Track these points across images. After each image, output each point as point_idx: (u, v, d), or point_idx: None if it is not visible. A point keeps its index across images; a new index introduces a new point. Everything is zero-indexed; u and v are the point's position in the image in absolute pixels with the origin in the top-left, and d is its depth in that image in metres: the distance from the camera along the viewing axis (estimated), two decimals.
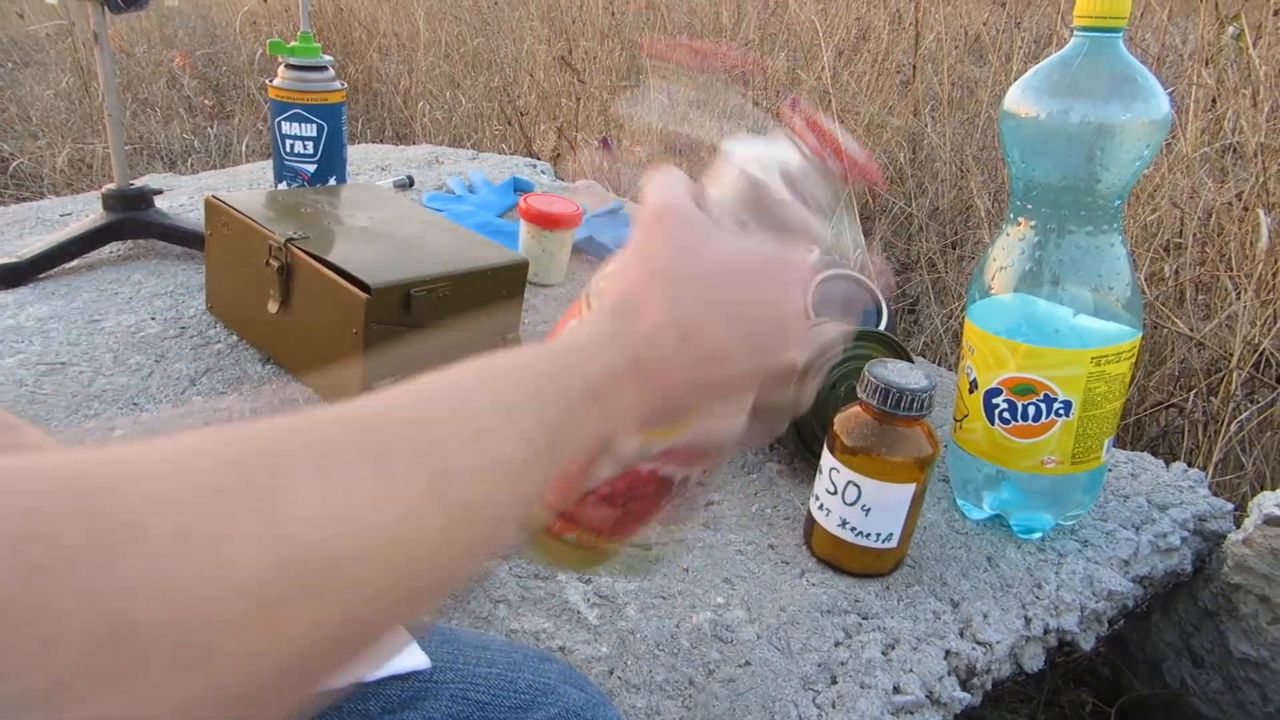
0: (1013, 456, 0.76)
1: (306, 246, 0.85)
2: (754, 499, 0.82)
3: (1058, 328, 0.73)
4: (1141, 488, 0.87)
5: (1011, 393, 0.75)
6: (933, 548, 0.78)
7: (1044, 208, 0.74)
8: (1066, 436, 0.75)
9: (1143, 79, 0.70)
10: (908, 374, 0.70)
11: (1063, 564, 0.77)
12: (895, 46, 2.39)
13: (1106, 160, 0.70)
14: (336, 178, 1.20)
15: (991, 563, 0.76)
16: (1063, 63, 0.72)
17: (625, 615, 0.67)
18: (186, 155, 3.06)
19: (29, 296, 1.04)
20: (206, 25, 4.41)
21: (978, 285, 0.78)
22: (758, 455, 0.88)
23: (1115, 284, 0.73)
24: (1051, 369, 0.73)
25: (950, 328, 1.58)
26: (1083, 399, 0.74)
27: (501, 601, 0.67)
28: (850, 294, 0.99)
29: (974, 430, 0.78)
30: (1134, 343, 0.75)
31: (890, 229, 1.95)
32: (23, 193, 2.66)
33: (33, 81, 3.64)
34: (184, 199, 1.42)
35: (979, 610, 0.71)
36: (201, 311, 1.03)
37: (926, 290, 1.73)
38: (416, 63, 3.42)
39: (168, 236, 1.15)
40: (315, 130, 1.15)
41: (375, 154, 1.79)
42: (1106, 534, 0.81)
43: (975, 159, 1.97)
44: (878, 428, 0.70)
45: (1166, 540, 0.81)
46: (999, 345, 0.75)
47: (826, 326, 0.85)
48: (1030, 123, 0.72)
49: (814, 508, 0.75)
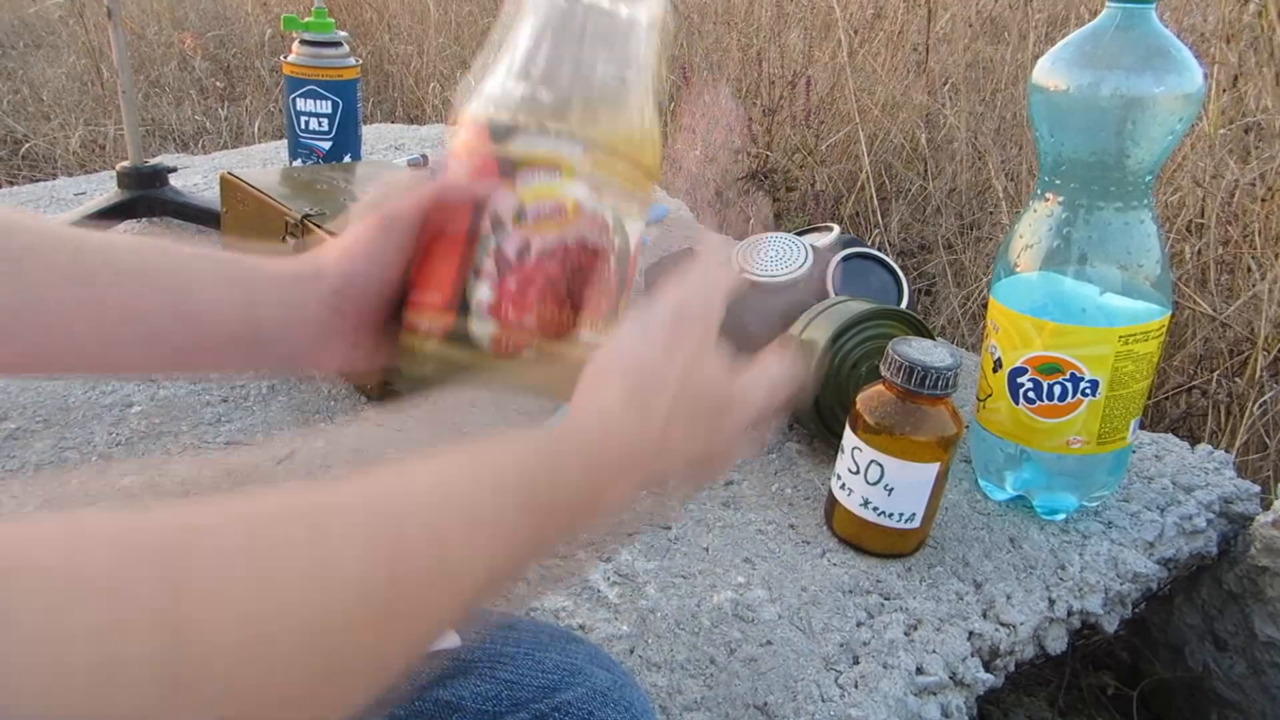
0: (1037, 437, 0.75)
1: (323, 223, 0.85)
2: (774, 478, 0.82)
3: (1084, 306, 0.72)
4: (1166, 469, 0.86)
5: (1037, 372, 0.74)
6: (955, 528, 0.77)
7: (1073, 183, 0.72)
8: (1093, 417, 0.74)
9: (1176, 51, 0.68)
10: (932, 351, 0.69)
11: (1086, 545, 0.76)
12: (910, 25, 2.37)
13: (1138, 134, 0.69)
14: (351, 155, 1.19)
15: (1014, 544, 0.76)
16: (1094, 34, 0.70)
17: (645, 594, 0.67)
18: (199, 136, 3.06)
19: None
20: (217, 7, 4.40)
21: (1003, 263, 0.77)
22: (777, 435, 0.88)
23: (1145, 261, 0.72)
24: (1078, 348, 0.72)
25: (969, 309, 1.57)
26: (1110, 379, 0.72)
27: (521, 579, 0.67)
28: (869, 272, 0.98)
29: (998, 410, 0.77)
30: (1163, 321, 0.73)
31: (908, 210, 1.94)
32: (36, 174, 2.66)
33: (44, 63, 3.64)
34: (198, 178, 1.41)
35: (1002, 591, 0.70)
36: None
37: (944, 271, 1.71)
38: (427, 43, 3.40)
39: (182, 214, 1.15)
40: (330, 107, 1.14)
41: (389, 134, 1.79)
42: (1131, 516, 0.80)
43: (993, 139, 1.94)
44: (901, 406, 0.69)
45: (1192, 522, 0.80)
46: (1025, 324, 0.74)
47: (848, 303, 0.85)
48: (1060, 96, 0.70)
49: (835, 487, 0.74)
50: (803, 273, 0.92)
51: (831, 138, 2.09)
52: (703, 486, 0.41)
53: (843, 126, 2.08)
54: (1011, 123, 2.02)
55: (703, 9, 3.11)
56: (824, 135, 2.09)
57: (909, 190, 1.97)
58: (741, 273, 0.92)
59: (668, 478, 0.40)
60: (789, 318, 0.86)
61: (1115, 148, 0.69)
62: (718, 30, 2.80)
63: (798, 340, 0.83)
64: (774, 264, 0.92)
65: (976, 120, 2.04)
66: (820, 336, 0.81)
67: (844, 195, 1.98)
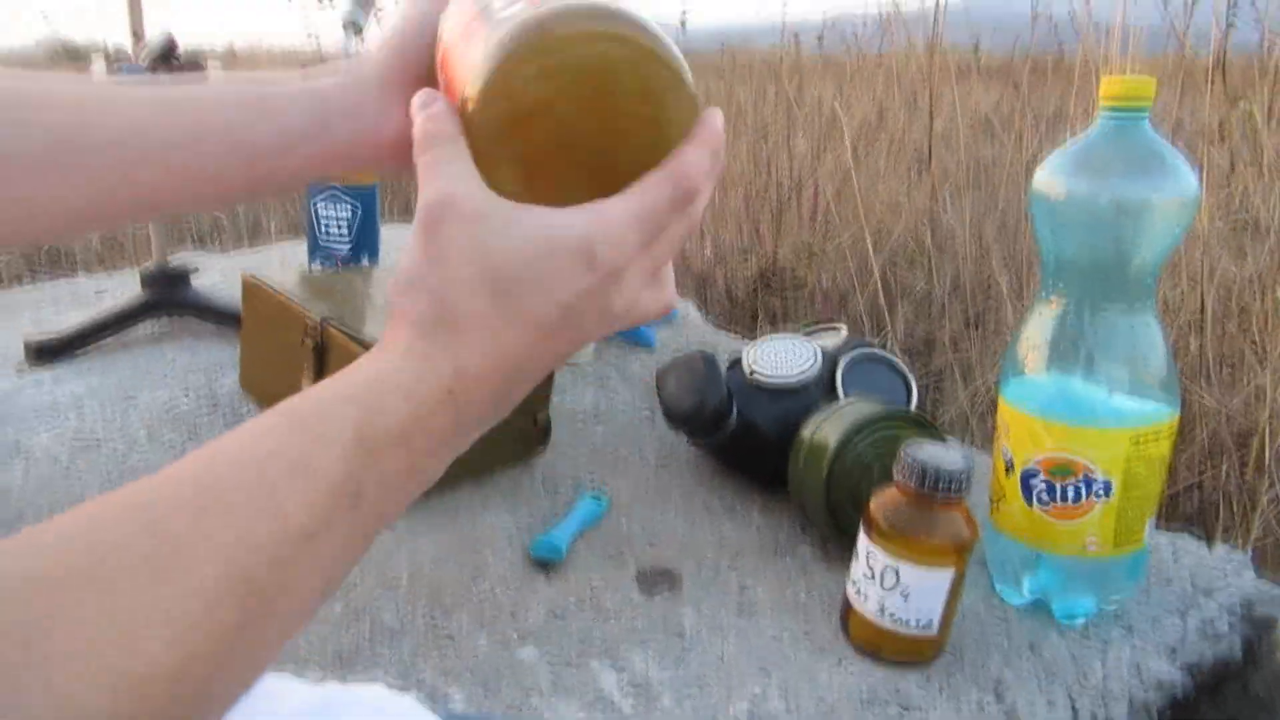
0: (1053, 539, 0.75)
1: (341, 326, 0.86)
2: (788, 584, 0.81)
3: (1094, 407, 0.73)
4: (1184, 570, 0.85)
5: (1049, 473, 0.74)
6: (973, 633, 0.76)
7: (1076, 285, 0.74)
8: (1107, 518, 0.73)
9: (1171, 158, 0.71)
10: (944, 454, 0.69)
11: (1108, 651, 0.75)
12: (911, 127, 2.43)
13: (1138, 239, 0.70)
14: (370, 258, 1.22)
15: (1035, 649, 0.75)
16: (1090, 143, 0.72)
17: (660, 705, 0.66)
18: (215, 232, 3.12)
19: (65, 373, 1.06)
20: None
21: (1010, 364, 0.78)
22: (790, 538, 0.87)
23: (1152, 362, 0.73)
24: (1090, 449, 0.72)
25: (976, 406, 1.57)
26: (1123, 480, 0.73)
27: (534, 690, 0.66)
28: (878, 373, 0.99)
29: (1012, 512, 0.77)
30: (1173, 422, 0.74)
31: (913, 308, 1.96)
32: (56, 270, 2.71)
33: None
34: (216, 276, 1.44)
35: (1024, 700, 0.69)
36: (234, 388, 1.04)
37: (951, 369, 1.72)
38: None
39: (203, 314, 1.17)
40: (350, 212, 1.17)
41: (403, 234, 1.82)
42: (1151, 619, 0.79)
43: (994, 237, 1.98)
44: (915, 510, 0.69)
45: (1214, 626, 0.79)
46: (1035, 425, 0.74)
47: (858, 405, 0.85)
48: (1059, 203, 0.72)
49: (851, 592, 0.73)
50: (812, 374, 0.93)
51: (838, 238, 2.13)
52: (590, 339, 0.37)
53: (848, 227, 2.12)
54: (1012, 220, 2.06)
55: None
56: (830, 235, 2.13)
57: (914, 288, 1.99)
58: (752, 374, 0.93)
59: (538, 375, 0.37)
60: (799, 419, 0.86)
61: (1116, 252, 0.71)
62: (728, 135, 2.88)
63: (808, 442, 0.84)
64: (783, 365, 0.93)
65: (978, 217, 2.08)
66: (831, 438, 0.81)
67: (850, 293, 2.00)
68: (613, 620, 0.74)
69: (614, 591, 0.78)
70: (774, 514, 0.91)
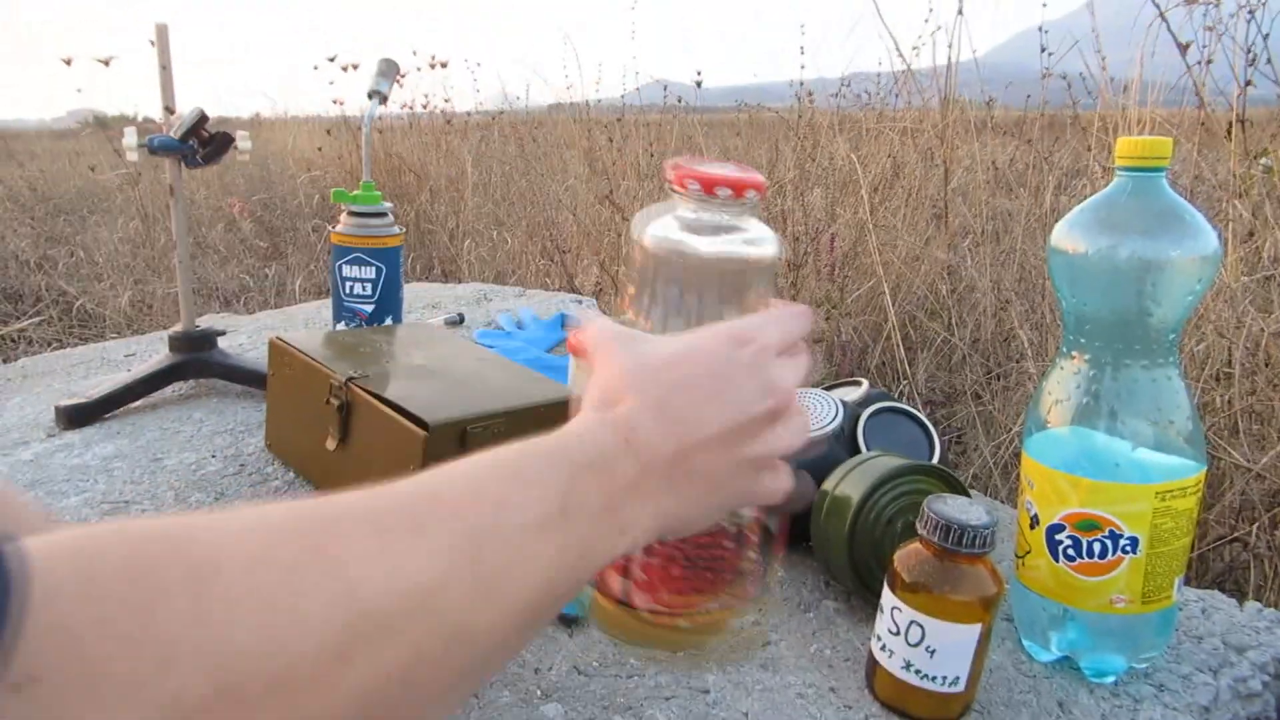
0: (1080, 595, 0.74)
1: (366, 385, 0.88)
2: (812, 639, 0.80)
3: (1118, 462, 0.73)
4: (1215, 628, 0.84)
5: (1075, 529, 0.74)
6: (1000, 691, 0.75)
7: (1097, 341, 0.74)
8: (1135, 574, 0.73)
9: (1190, 216, 0.71)
10: (968, 509, 0.69)
11: (1139, 710, 0.73)
12: (928, 182, 2.46)
13: (1158, 295, 0.71)
14: (393, 317, 1.24)
15: (1064, 709, 0.73)
16: (1108, 200, 0.73)
17: None
18: (242, 295, 3.18)
19: (94, 436, 1.07)
20: (264, 173, 4.65)
21: (1033, 419, 0.78)
22: (814, 593, 0.87)
23: (1176, 417, 0.73)
24: (1115, 504, 0.72)
25: (999, 459, 1.56)
26: (1150, 536, 0.72)
27: None
28: (900, 426, 0.99)
29: (1038, 568, 0.76)
30: (1199, 477, 0.73)
31: (934, 360, 1.96)
32: (85, 331, 2.76)
33: (99, 227, 3.83)
34: (243, 338, 1.46)
35: None
36: (260, 449, 1.05)
37: (973, 421, 1.71)
38: (464, 203, 3.56)
39: (229, 376, 1.19)
40: (374, 273, 1.20)
41: (426, 293, 1.85)
42: (1183, 678, 0.77)
43: (1014, 290, 1.98)
44: (939, 565, 0.69)
45: (1247, 685, 0.77)
46: (1059, 480, 0.74)
47: (881, 459, 0.85)
48: (1079, 258, 0.73)
49: (876, 648, 0.73)
50: (834, 428, 0.93)
51: (856, 290, 2.14)
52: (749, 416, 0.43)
53: (866, 280, 2.13)
54: (1032, 274, 2.06)
55: None
56: (848, 289, 2.14)
57: (934, 341, 1.99)
58: None
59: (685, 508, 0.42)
60: (822, 473, 0.86)
61: (1137, 308, 0.71)
62: None
63: (831, 496, 0.83)
64: None
65: (998, 271, 2.08)
66: (854, 492, 0.81)
67: (870, 346, 2.01)
68: (636, 677, 0.74)
69: (637, 649, 0.77)
70: (797, 569, 0.90)
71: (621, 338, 0.45)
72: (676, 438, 0.41)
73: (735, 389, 0.43)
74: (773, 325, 0.45)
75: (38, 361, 1.41)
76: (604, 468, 0.39)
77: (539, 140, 4.13)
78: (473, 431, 0.85)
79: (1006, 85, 3.04)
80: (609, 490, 0.38)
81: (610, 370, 0.44)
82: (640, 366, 0.43)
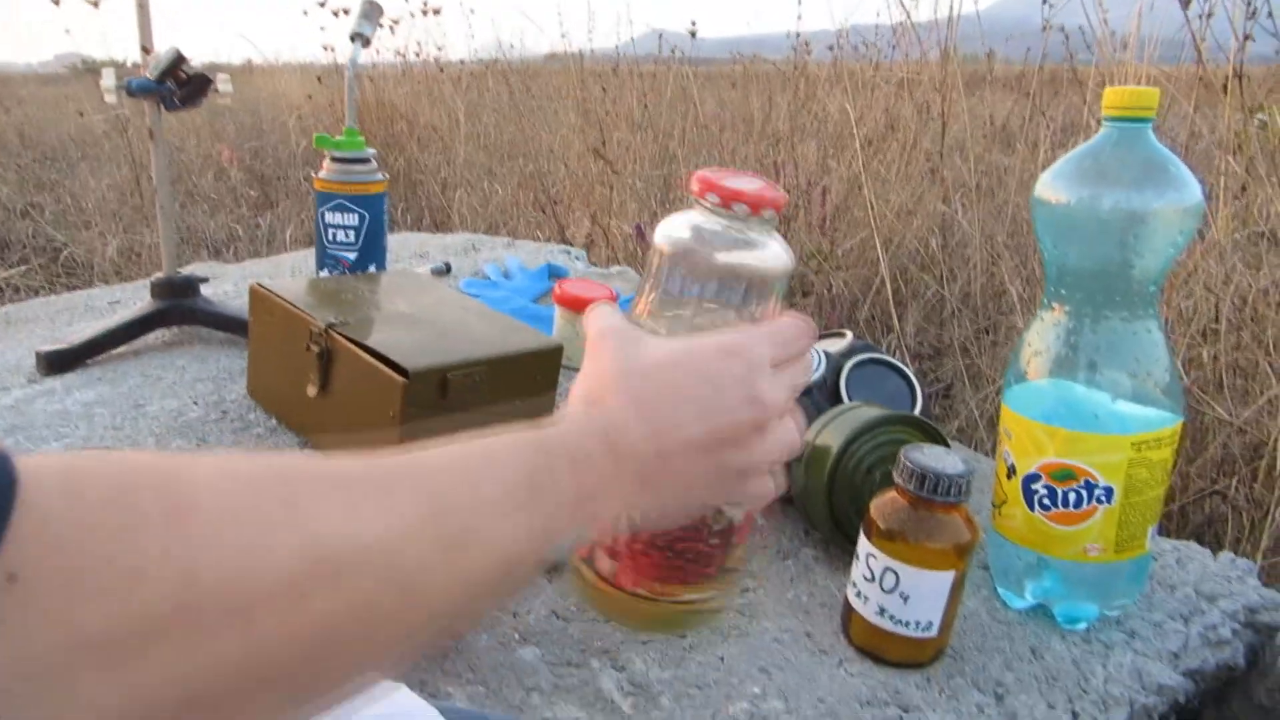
0: (1054, 544, 0.75)
1: (346, 332, 0.87)
2: (790, 585, 0.81)
3: (1096, 413, 0.73)
4: (1189, 578, 0.85)
5: (1051, 479, 0.74)
6: (974, 637, 0.76)
7: (1078, 293, 0.74)
8: (1109, 524, 0.73)
9: (1174, 167, 0.71)
10: (944, 459, 0.69)
11: (1110, 656, 0.75)
12: (923, 135, 2.43)
13: (1140, 247, 0.70)
14: (376, 265, 1.23)
15: (1036, 654, 0.74)
16: (1092, 151, 0.73)
17: (660, 705, 0.66)
18: (231, 244, 3.15)
19: (76, 382, 1.07)
20: (254, 120, 4.59)
21: (1014, 370, 0.78)
22: (793, 541, 0.87)
23: (1154, 369, 0.73)
24: (1091, 455, 0.72)
25: (985, 412, 1.57)
26: (1124, 485, 0.72)
27: (534, 689, 0.66)
28: (882, 378, 0.99)
29: (1013, 517, 0.77)
30: (1175, 428, 0.74)
31: (923, 314, 1.96)
32: (73, 281, 2.75)
33: (87, 174, 3.79)
34: (228, 286, 1.46)
35: (1024, 704, 0.69)
36: (242, 396, 1.05)
37: (960, 375, 1.72)
38: (455, 153, 3.52)
39: (211, 323, 1.18)
40: (357, 220, 1.18)
41: (414, 241, 1.84)
42: (1154, 625, 0.79)
43: (1006, 245, 1.98)
44: (914, 513, 0.69)
45: (1217, 633, 0.78)
46: (1037, 430, 0.74)
47: (861, 409, 0.86)
48: (1061, 209, 0.72)
49: (851, 595, 0.73)
50: (816, 379, 0.93)
51: (847, 243, 2.13)
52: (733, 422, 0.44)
53: (858, 233, 2.12)
54: (1025, 229, 2.05)
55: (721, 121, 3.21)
56: (839, 241, 2.13)
57: (924, 294, 1.99)
58: None
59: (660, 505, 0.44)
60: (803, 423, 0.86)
61: (1118, 260, 0.71)
62: (735, 141, 2.89)
63: (811, 446, 0.84)
64: None
65: (991, 225, 2.08)
66: (833, 442, 0.81)
67: (860, 300, 2.00)
68: (613, 623, 0.74)
69: None
70: (776, 517, 0.91)
71: (620, 335, 0.46)
72: (657, 440, 0.42)
73: (720, 398, 0.44)
74: (768, 340, 0.46)
75: (21, 308, 1.40)
76: (581, 460, 0.40)
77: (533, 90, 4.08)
78: (453, 379, 0.84)
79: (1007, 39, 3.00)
80: (582, 482, 0.40)
81: (601, 367, 0.45)
82: (630, 367, 0.44)
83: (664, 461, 0.42)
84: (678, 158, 2.92)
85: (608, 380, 0.44)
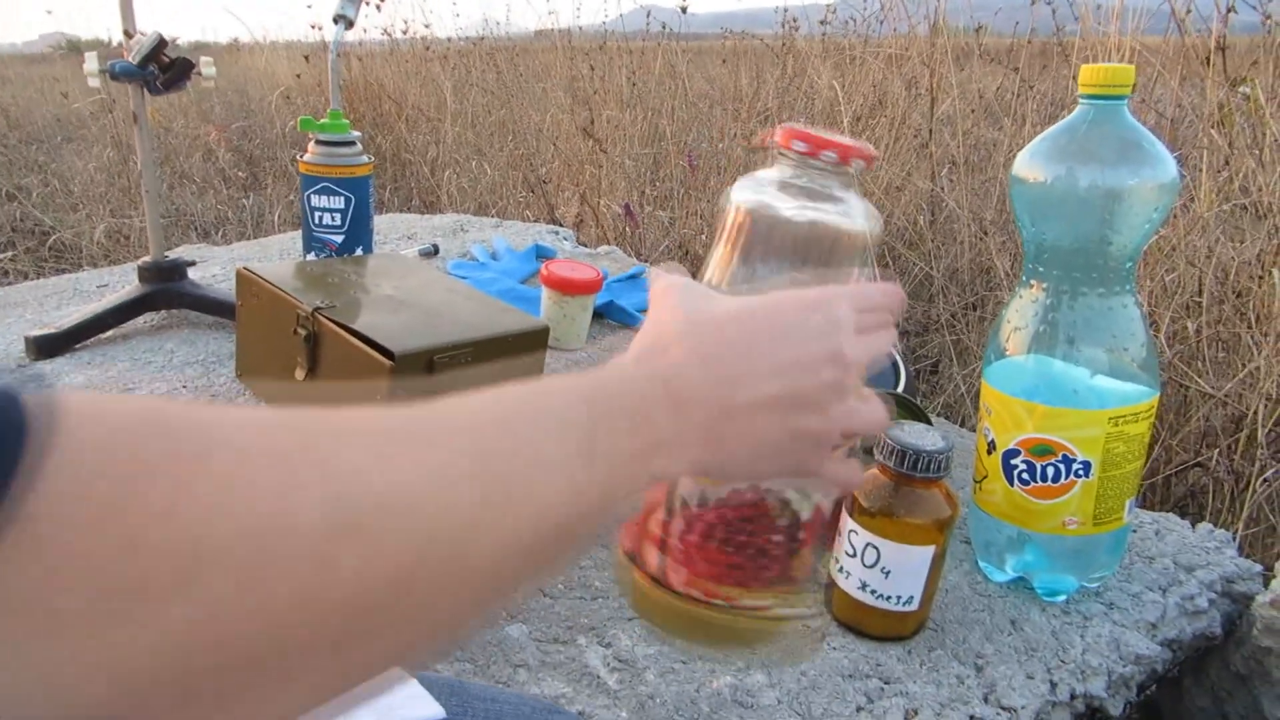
0: (1033, 518, 0.76)
1: (333, 315, 0.88)
2: None
3: (1075, 388, 0.74)
4: (1167, 549, 0.86)
5: (1030, 454, 0.75)
6: (955, 610, 0.77)
7: (1056, 270, 0.74)
8: (1087, 497, 0.74)
9: (1149, 144, 0.71)
10: (924, 436, 0.70)
11: (1088, 627, 0.76)
12: (912, 111, 2.43)
13: (1116, 224, 0.71)
14: (363, 248, 1.23)
15: (1015, 626, 0.76)
16: (1069, 129, 0.73)
17: (645, 680, 0.67)
18: (220, 226, 3.14)
19: (65, 366, 1.07)
20: (242, 100, 4.56)
21: (994, 347, 0.79)
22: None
23: (1130, 344, 0.74)
24: (1069, 430, 0.73)
25: (971, 388, 1.58)
26: (1102, 459, 0.74)
27: (521, 666, 0.68)
28: None
29: (994, 492, 0.78)
30: (1151, 403, 0.75)
31: (909, 290, 1.96)
32: (61, 264, 2.74)
33: (74, 156, 3.76)
34: (216, 269, 1.46)
35: (1003, 674, 0.70)
36: (231, 379, 1.05)
37: (947, 351, 1.73)
38: (443, 133, 3.50)
39: (199, 306, 1.19)
40: (343, 202, 1.19)
41: (402, 223, 1.84)
42: (1132, 596, 0.80)
43: (993, 221, 1.98)
44: (895, 490, 0.70)
45: (1194, 603, 0.80)
46: (1016, 406, 0.75)
47: None
48: (1039, 187, 0.73)
49: (833, 570, 0.75)
50: None
51: None
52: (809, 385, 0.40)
53: None
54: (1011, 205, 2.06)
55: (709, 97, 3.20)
56: None
57: (912, 271, 2.00)
58: None
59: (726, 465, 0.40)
60: None
61: (1095, 236, 0.72)
62: (724, 118, 2.88)
63: None
64: None
65: (978, 201, 2.08)
66: None
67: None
68: (600, 600, 0.76)
69: (601, 571, 0.79)
70: None
71: (686, 290, 0.43)
72: (724, 393, 0.38)
73: (797, 353, 0.40)
74: (853, 299, 0.42)
75: (9, 292, 1.40)
76: (640, 412, 0.37)
77: (520, 68, 4.06)
78: (439, 360, 0.85)
79: (996, 12, 2.99)
80: (641, 438, 0.36)
81: (664, 318, 0.41)
82: (697, 319, 0.41)
83: (730, 418, 0.38)
84: (667, 135, 2.91)
85: (670, 331, 0.40)
